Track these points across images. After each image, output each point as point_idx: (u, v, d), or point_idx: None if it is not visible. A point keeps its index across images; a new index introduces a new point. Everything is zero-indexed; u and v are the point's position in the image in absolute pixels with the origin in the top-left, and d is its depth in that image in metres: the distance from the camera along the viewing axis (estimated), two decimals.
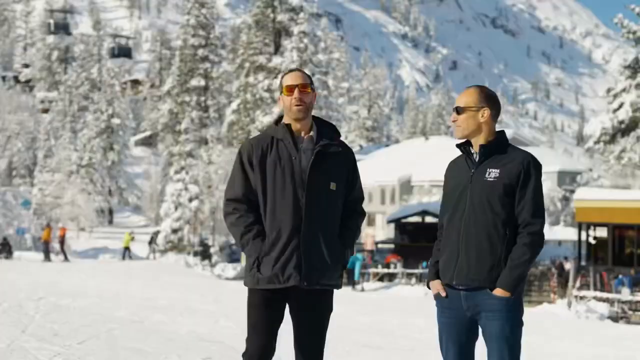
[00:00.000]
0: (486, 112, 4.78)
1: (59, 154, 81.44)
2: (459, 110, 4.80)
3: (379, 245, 55.38)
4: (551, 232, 65.69)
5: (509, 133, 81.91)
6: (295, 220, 4.73)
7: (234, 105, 58.96)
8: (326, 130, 4.94)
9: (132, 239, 49.01)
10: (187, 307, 16.36)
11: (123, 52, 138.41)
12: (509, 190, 4.65)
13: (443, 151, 67.91)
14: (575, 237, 49.80)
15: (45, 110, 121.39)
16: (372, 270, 38.06)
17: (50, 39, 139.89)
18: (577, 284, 29.19)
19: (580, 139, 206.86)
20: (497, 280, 4.62)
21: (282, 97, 4.88)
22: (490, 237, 4.64)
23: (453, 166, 4.94)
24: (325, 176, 4.81)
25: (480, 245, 4.64)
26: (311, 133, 4.87)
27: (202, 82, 66.61)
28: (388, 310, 21.41)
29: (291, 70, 4.92)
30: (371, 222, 74.74)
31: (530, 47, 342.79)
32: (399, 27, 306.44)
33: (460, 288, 4.72)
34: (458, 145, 4.91)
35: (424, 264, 38.13)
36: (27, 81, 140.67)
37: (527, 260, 4.59)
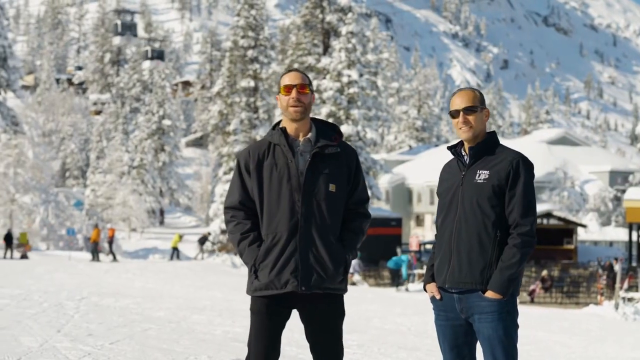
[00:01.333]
0: (487, 113, 4.85)
1: (111, 155, 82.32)
2: (471, 110, 4.79)
3: (427, 246, 55.18)
4: (602, 233, 64.94)
5: (560, 132, 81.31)
6: (292, 224, 4.68)
7: None
8: (325, 131, 4.87)
9: (180, 239, 49.34)
10: (227, 308, 16.43)
11: (156, 54, 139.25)
12: (498, 191, 4.65)
13: None
14: (627, 238, 49.22)
15: (98, 112, 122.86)
16: (417, 271, 37.89)
17: (117, 40, 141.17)
18: (625, 285, 28.78)
19: (634, 138, 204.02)
20: (489, 282, 4.61)
21: (279, 97, 4.82)
22: (481, 239, 4.63)
23: (447, 168, 4.95)
24: (324, 178, 4.73)
25: (471, 247, 4.64)
26: (309, 135, 4.80)
27: (252, 83, 66.82)
28: (430, 311, 21.32)
29: (290, 70, 4.86)
30: (420, 223, 74.51)
31: (583, 46, 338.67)
32: (449, 27, 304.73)
33: (453, 291, 4.73)
34: (449, 148, 4.91)
35: None
36: (81, 83, 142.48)
37: (517, 261, 4.57)
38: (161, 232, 75.84)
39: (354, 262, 36.61)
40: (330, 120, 51.44)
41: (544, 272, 34.83)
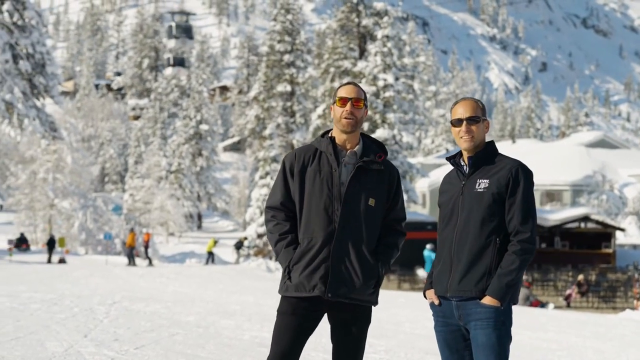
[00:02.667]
0: (487, 124, 4.92)
1: (149, 160, 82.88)
2: (473, 120, 4.85)
3: None
4: None
5: (598, 135, 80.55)
6: (328, 232, 4.77)
7: (319, 110, 59.03)
8: (372, 147, 4.97)
9: (215, 244, 49.49)
10: (257, 312, 16.41)
11: (177, 61, 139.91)
12: (498, 199, 4.69)
13: (531, 154, 66.95)
14: None
15: (136, 117, 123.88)
16: None
17: (172, 43, 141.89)
18: None
19: None
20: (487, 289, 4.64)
21: (333, 107, 4.94)
22: (481, 247, 4.67)
23: (447, 179, 5.04)
24: (364, 191, 4.83)
25: (472, 255, 4.68)
26: (356, 148, 4.91)
27: (288, 88, 67.01)
28: None
29: (348, 83, 4.96)
30: None
31: (623, 47, 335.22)
32: (487, 29, 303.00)
33: (453, 299, 4.76)
34: (448, 159, 5.01)
35: None
36: (119, 89, 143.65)
37: (516, 268, 4.59)
38: (199, 237, 76.22)
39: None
40: (366, 124, 51.41)
41: (580, 277, 34.52)
